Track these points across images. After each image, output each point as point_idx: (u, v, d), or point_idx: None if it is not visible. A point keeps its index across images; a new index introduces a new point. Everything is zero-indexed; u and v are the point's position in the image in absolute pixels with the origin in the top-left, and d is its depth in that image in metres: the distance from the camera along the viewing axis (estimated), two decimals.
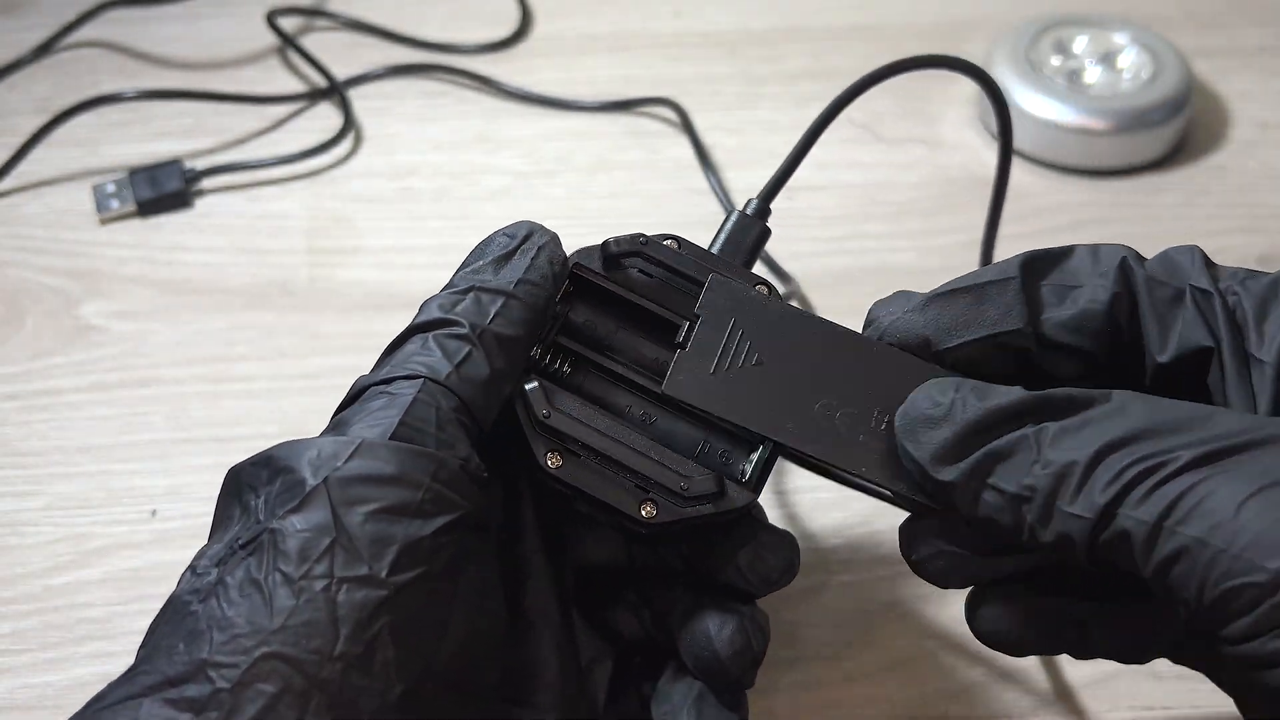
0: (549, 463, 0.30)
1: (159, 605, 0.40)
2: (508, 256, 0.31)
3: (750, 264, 0.35)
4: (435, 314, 0.30)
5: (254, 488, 0.27)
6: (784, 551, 0.32)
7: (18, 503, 0.43)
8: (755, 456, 0.31)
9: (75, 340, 0.48)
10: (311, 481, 0.26)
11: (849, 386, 0.30)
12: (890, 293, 0.31)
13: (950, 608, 0.41)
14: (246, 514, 0.27)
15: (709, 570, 0.32)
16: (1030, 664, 0.39)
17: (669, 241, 0.32)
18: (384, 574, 0.25)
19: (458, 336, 0.29)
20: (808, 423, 0.30)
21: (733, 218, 0.35)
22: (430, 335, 0.29)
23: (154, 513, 0.43)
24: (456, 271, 0.31)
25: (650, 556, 0.34)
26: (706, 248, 0.33)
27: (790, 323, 0.31)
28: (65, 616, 0.40)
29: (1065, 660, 0.39)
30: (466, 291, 0.30)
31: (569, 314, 0.32)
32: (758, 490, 0.31)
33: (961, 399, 0.27)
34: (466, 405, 0.28)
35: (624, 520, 0.31)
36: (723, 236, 0.35)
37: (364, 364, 0.48)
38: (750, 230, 0.35)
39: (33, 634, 0.40)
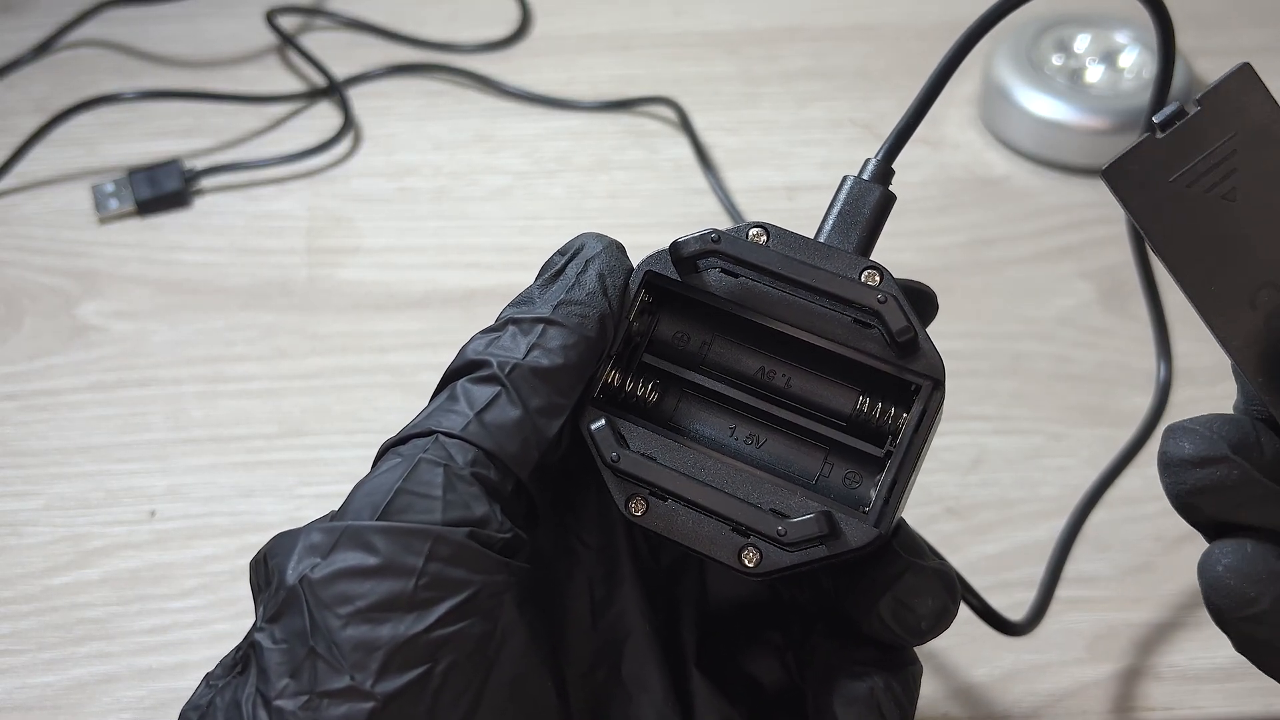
0: (632, 510, 0.27)
1: (157, 606, 0.41)
2: (555, 277, 0.27)
3: (870, 243, 0.28)
4: (466, 357, 0.27)
5: (259, 587, 0.25)
6: (933, 597, 0.27)
7: (17, 503, 0.43)
8: (881, 480, 0.26)
9: (74, 340, 0.48)
10: (290, 582, 0.23)
11: None
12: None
13: None
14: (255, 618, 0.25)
15: (851, 617, 0.27)
16: (1030, 665, 0.39)
17: (755, 231, 0.27)
18: (369, 683, 0.22)
19: (484, 379, 0.26)
20: (1234, 296, 0.24)
21: (846, 185, 0.28)
22: (459, 383, 0.26)
23: (153, 513, 0.43)
24: (508, 304, 0.28)
25: (798, 589, 0.30)
26: (818, 227, 0.29)
27: None
28: (64, 617, 0.40)
29: (1064, 661, 0.39)
30: (503, 326, 0.27)
31: (655, 329, 0.29)
32: (884, 524, 0.26)
33: None
34: (493, 456, 0.25)
35: (728, 570, 0.27)
36: (834, 211, 0.28)
37: (363, 364, 0.48)
38: (867, 199, 0.28)
39: (32, 634, 0.40)
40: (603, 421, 0.27)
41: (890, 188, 0.29)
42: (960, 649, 0.40)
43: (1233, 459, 0.24)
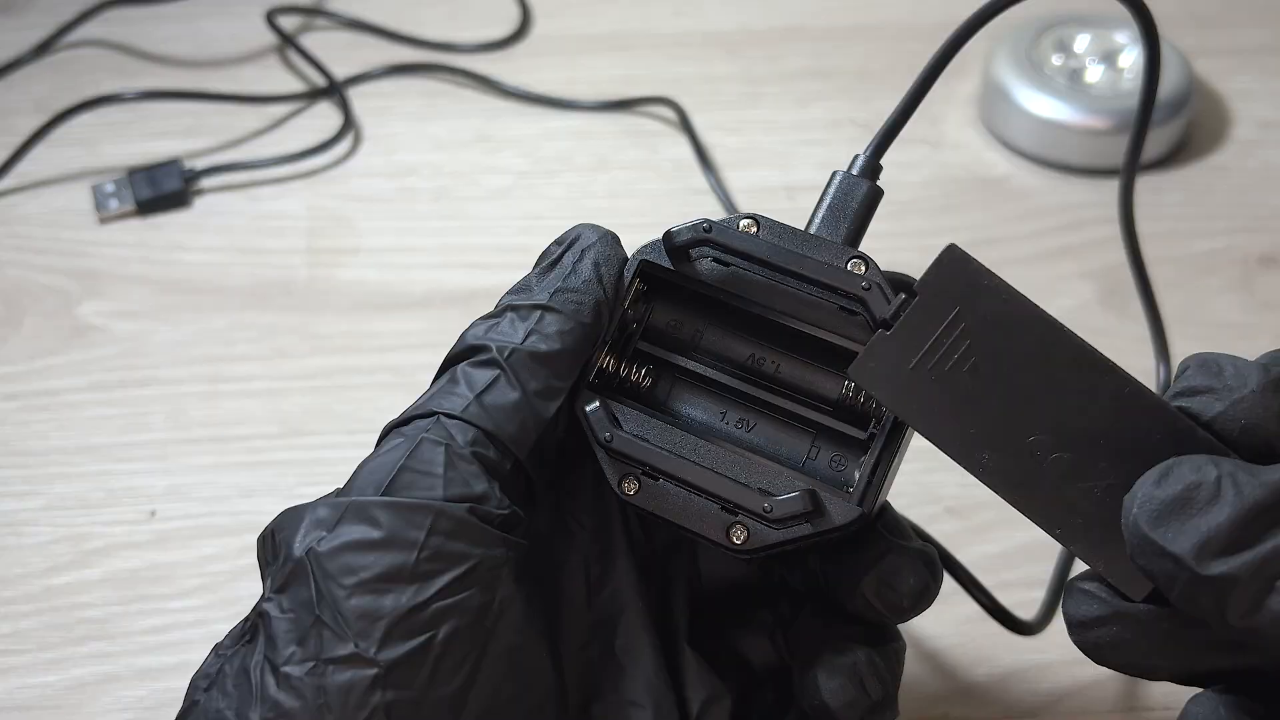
0: (625, 489, 0.28)
1: (158, 606, 0.41)
2: (552, 266, 0.28)
3: (857, 235, 0.29)
4: (467, 342, 0.27)
5: (266, 561, 0.26)
6: (915, 576, 0.28)
7: (17, 503, 0.43)
8: (865, 461, 0.27)
9: (74, 340, 0.48)
10: (297, 555, 0.24)
11: (1079, 428, 0.24)
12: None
13: (949, 609, 0.41)
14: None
15: (836, 596, 0.28)
16: (1030, 664, 0.39)
17: (746, 222, 0.28)
18: (372, 651, 0.23)
19: (484, 363, 0.27)
20: (1009, 458, 0.25)
21: (835, 180, 0.29)
22: (459, 366, 0.27)
23: (153, 513, 0.43)
24: (507, 292, 0.29)
25: (787, 570, 0.30)
26: (808, 220, 0.29)
27: (1031, 330, 0.25)
28: (65, 616, 0.40)
29: (1065, 660, 0.39)
30: (502, 313, 0.28)
31: (650, 316, 0.29)
32: (867, 504, 0.27)
33: (1231, 475, 0.22)
34: (493, 436, 0.26)
35: (716, 548, 0.27)
36: (823, 206, 0.29)
37: (363, 364, 0.48)
38: (854, 194, 0.29)
39: (32, 634, 0.40)
40: (597, 404, 0.28)
41: (879, 183, 0.30)
42: (961, 648, 0.40)
43: (1126, 617, 0.24)
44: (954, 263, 0.25)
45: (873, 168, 0.29)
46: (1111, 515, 0.24)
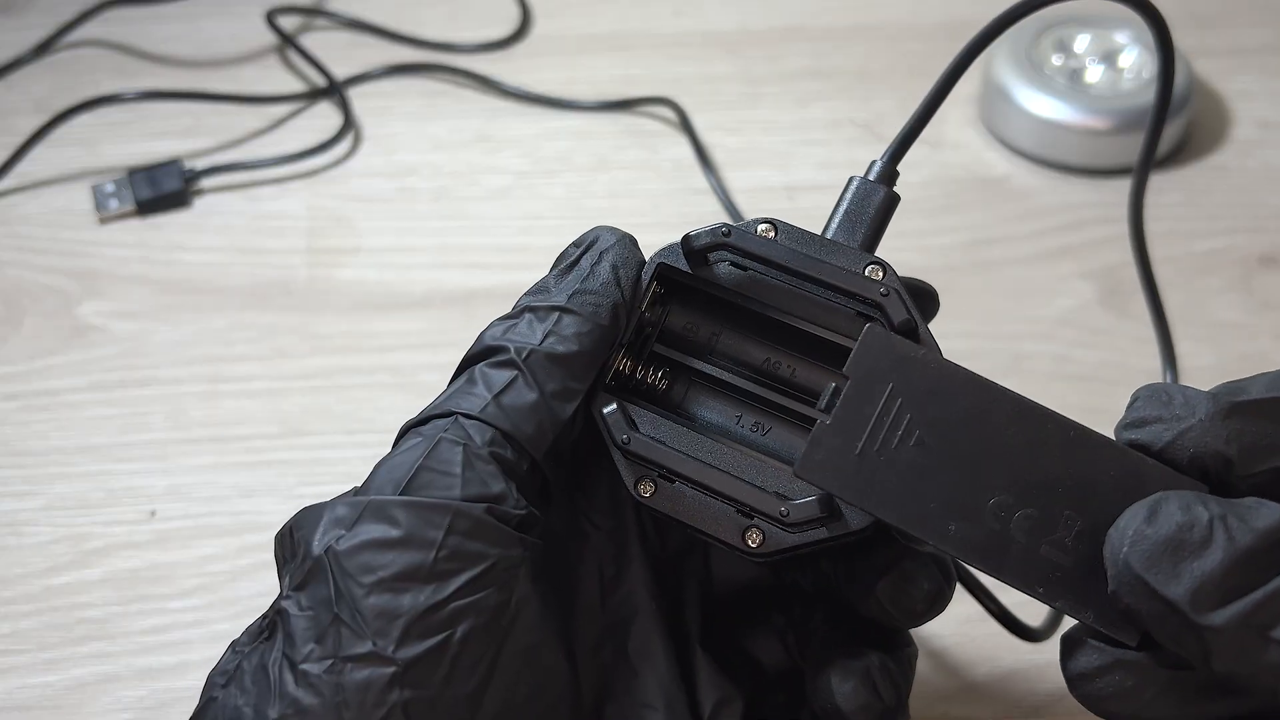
0: (640, 491, 0.28)
1: (157, 606, 0.41)
2: (570, 268, 0.28)
3: (874, 241, 0.29)
4: (485, 343, 0.28)
5: (284, 559, 0.26)
6: (929, 580, 0.28)
7: (17, 503, 0.43)
8: None
9: (74, 340, 0.48)
10: (316, 553, 0.25)
11: (1034, 481, 0.24)
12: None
13: (950, 608, 0.41)
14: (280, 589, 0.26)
15: (850, 600, 0.29)
16: (1031, 664, 0.39)
17: (764, 226, 0.28)
18: (390, 649, 0.24)
19: (502, 364, 0.27)
20: (975, 525, 0.24)
21: (852, 186, 0.30)
22: (477, 367, 0.27)
23: (153, 513, 0.43)
24: (525, 293, 0.29)
25: (800, 573, 0.31)
26: (823, 226, 0.29)
27: (966, 394, 0.25)
28: (65, 617, 0.40)
29: None
30: (520, 314, 0.28)
31: (666, 319, 0.30)
32: None
33: (1221, 519, 0.22)
34: (510, 436, 0.26)
35: (731, 551, 0.28)
36: (840, 210, 0.29)
37: (363, 364, 0.48)
38: (872, 199, 0.29)
39: (32, 634, 0.40)
40: (614, 406, 0.28)
41: (896, 190, 0.30)
42: (961, 648, 0.40)
43: (1127, 664, 0.24)
44: (876, 341, 0.26)
45: (889, 174, 0.30)
46: (1089, 562, 0.24)
